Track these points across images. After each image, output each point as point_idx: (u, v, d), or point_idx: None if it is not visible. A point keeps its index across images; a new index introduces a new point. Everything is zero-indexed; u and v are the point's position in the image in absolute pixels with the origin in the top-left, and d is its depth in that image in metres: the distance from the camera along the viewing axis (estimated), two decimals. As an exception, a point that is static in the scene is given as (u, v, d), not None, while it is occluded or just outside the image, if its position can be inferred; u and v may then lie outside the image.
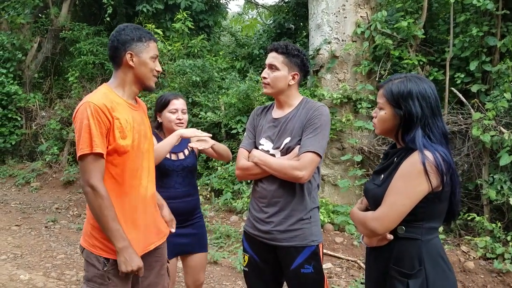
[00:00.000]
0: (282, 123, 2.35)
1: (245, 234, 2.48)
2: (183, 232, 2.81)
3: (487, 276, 4.41)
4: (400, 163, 1.77)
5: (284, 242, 2.27)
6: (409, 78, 1.82)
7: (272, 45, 2.36)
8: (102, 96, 2.05)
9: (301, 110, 2.34)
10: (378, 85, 1.96)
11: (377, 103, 1.92)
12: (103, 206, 1.96)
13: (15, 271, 4.51)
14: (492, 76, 5.50)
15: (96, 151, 1.96)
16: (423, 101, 1.75)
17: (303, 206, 2.28)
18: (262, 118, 2.49)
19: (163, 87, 7.85)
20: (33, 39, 10.05)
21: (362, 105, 5.95)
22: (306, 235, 2.27)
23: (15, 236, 5.67)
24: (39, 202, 7.49)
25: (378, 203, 1.78)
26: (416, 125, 1.75)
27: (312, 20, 6.76)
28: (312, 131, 2.23)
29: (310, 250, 2.26)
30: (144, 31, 2.15)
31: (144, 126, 2.24)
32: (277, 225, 2.27)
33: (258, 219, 2.35)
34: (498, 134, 4.90)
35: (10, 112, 9.58)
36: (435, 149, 1.70)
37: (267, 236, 2.30)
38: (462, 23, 5.89)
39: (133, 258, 2.00)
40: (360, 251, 5.00)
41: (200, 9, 9.53)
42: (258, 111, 2.56)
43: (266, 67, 2.38)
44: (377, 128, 1.94)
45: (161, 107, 2.88)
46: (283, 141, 2.30)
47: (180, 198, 2.79)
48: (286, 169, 2.18)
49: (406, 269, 1.73)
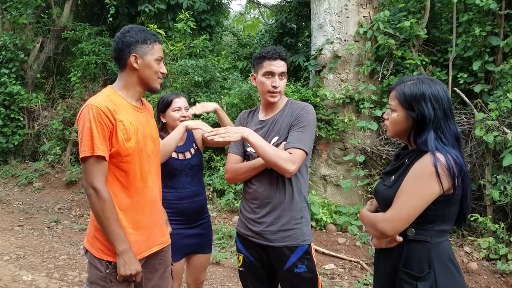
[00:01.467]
0: (269, 124, 2.39)
1: (238, 235, 2.49)
2: (192, 233, 2.83)
3: (490, 277, 4.39)
4: (411, 165, 1.76)
5: (276, 242, 2.28)
6: (421, 80, 1.81)
7: (278, 53, 2.35)
8: (105, 99, 2.05)
9: (287, 110, 2.38)
10: (389, 87, 1.94)
11: (388, 105, 1.91)
12: (105, 208, 1.97)
13: (17, 271, 4.51)
14: (495, 76, 5.48)
15: (97, 154, 1.96)
16: (435, 103, 1.75)
17: (294, 206, 2.30)
18: (250, 122, 2.51)
19: (166, 87, 7.84)
20: (35, 39, 10.07)
21: (365, 105, 5.94)
22: (298, 235, 2.29)
23: (18, 237, 5.68)
24: (42, 202, 7.51)
25: (388, 204, 1.77)
26: (429, 127, 1.74)
27: (315, 20, 6.75)
28: (299, 128, 2.26)
29: (302, 250, 2.28)
30: (149, 33, 2.14)
31: (149, 127, 2.23)
32: (269, 226, 2.29)
33: (250, 219, 2.37)
34: (501, 135, 4.88)
35: (12, 112, 9.60)
36: (447, 151, 1.70)
37: (259, 236, 2.32)
38: (465, 23, 5.87)
39: (132, 262, 2.00)
40: (363, 251, 4.99)
41: (202, 9, 9.52)
42: (244, 115, 2.58)
43: (273, 75, 2.34)
44: (389, 131, 1.92)
45: (164, 107, 2.89)
46: (271, 141, 2.32)
47: (190, 198, 2.81)
48: (281, 159, 2.16)
49: (415, 271, 1.72)
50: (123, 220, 2.06)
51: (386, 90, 6.12)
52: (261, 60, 2.37)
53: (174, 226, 2.72)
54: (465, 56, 5.75)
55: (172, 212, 2.75)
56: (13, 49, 9.46)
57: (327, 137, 6.28)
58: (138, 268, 2.02)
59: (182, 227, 2.80)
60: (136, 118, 2.13)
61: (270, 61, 2.34)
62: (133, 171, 2.09)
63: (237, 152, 2.47)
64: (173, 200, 2.77)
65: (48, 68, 10.60)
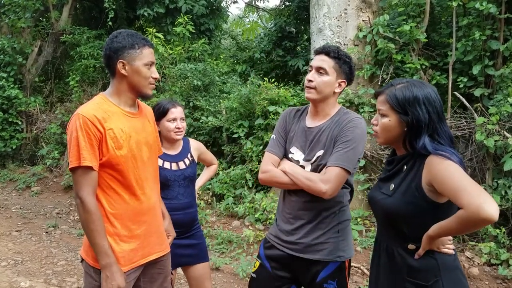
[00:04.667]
0: (315, 134, 2.21)
1: (265, 241, 2.36)
2: (184, 243, 2.77)
3: (491, 283, 4.37)
4: (411, 170, 1.72)
5: (307, 254, 2.17)
6: (412, 83, 1.76)
7: (323, 48, 2.21)
8: (93, 107, 2.01)
9: (335, 121, 2.19)
10: (376, 91, 1.86)
11: (377, 110, 1.83)
12: (90, 220, 1.93)
13: (15, 278, 4.47)
14: (495, 80, 5.48)
15: (84, 165, 1.93)
16: (429, 106, 1.70)
17: (332, 220, 2.18)
18: (295, 124, 2.31)
19: (164, 91, 7.83)
20: (33, 43, 10.04)
21: (365, 109, 5.92)
22: (332, 250, 2.17)
23: (16, 242, 5.63)
24: (40, 207, 7.46)
25: (389, 215, 1.74)
26: (424, 130, 1.69)
27: (314, 24, 6.74)
28: (342, 144, 2.09)
29: (335, 265, 2.17)
30: (138, 37, 2.07)
31: (145, 133, 2.18)
32: (302, 237, 2.18)
33: (283, 230, 2.25)
34: (502, 139, 4.86)
35: (10, 116, 9.55)
36: (449, 150, 1.66)
37: (291, 246, 2.21)
38: (465, 27, 5.87)
39: (115, 277, 1.94)
40: (363, 257, 4.96)
41: (201, 13, 9.52)
42: (291, 113, 2.37)
43: (311, 70, 2.22)
44: (380, 138, 1.84)
45: (159, 116, 2.79)
46: (315, 154, 2.17)
47: (182, 210, 2.74)
48: (312, 182, 2.05)
49: (422, 280, 1.69)
50: (118, 228, 2.02)
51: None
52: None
53: None
54: (465, 60, 5.75)
55: None
56: (11, 52, 9.43)
57: (327, 141, 6.25)
58: (121, 284, 1.95)
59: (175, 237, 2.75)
60: (129, 125, 2.08)
61: (315, 56, 2.23)
62: (127, 179, 2.05)
63: (277, 153, 2.29)
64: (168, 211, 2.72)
65: (47, 72, 10.57)
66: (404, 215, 1.73)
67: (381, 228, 1.94)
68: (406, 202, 1.72)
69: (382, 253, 1.86)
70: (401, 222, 1.75)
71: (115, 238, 2.02)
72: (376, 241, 1.95)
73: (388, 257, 1.82)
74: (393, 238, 1.81)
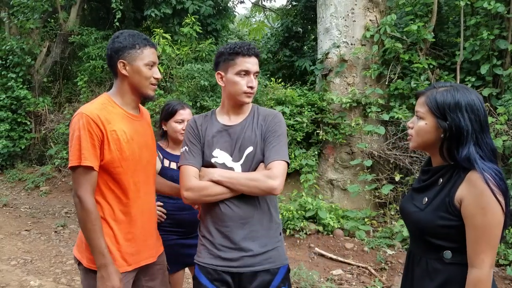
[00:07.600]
0: (238, 131, 2.08)
1: (200, 268, 2.06)
2: (190, 243, 2.76)
3: (500, 283, 4.35)
4: (447, 184, 1.64)
5: (257, 266, 2.00)
6: (456, 87, 1.64)
7: (253, 49, 2.07)
8: (98, 107, 2.00)
9: (257, 117, 2.12)
10: (417, 92, 1.77)
11: (415, 112, 1.74)
12: (87, 219, 1.92)
13: (25, 277, 4.51)
14: (503, 80, 5.45)
15: (84, 164, 1.92)
16: (472, 114, 1.58)
17: (273, 224, 2.08)
18: (209, 127, 2.13)
19: (172, 92, 7.85)
20: (42, 43, 10.13)
21: (372, 109, 5.91)
22: (280, 254, 2.08)
23: (25, 241, 5.69)
24: (49, 206, 7.52)
25: (422, 230, 1.67)
26: (468, 141, 1.58)
27: (321, 23, 6.74)
28: (275, 138, 2.04)
29: (285, 269, 2.08)
30: (139, 37, 2.04)
31: (146, 136, 2.17)
32: (247, 250, 2.00)
33: (223, 246, 2.01)
34: (510, 139, 4.84)
35: (19, 116, 9.66)
36: (490, 167, 1.56)
37: (237, 263, 1.99)
38: (473, 26, 5.84)
39: (111, 277, 1.92)
40: (371, 257, 4.96)
41: (208, 13, 9.53)
42: (198, 120, 2.18)
43: (248, 74, 2.06)
44: (414, 141, 1.74)
45: (167, 116, 2.82)
46: (244, 152, 2.05)
47: (190, 210, 2.73)
48: (259, 181, 1.93)
49: None
50: (115, 231, 2.02)
51: (393, 94, 6.10)
52: (232, 56, 2.05)
53: (173, 236, 2.70)
54: (473, 59, 5.73)
55: (171, 223, 2.72)
56: (20, 53, 9.51)
57: (334, 141, 6.26)
58: (116, 285, 1.93)
59: (181, 237, 2.76)
60: (132, 127, 2.07)
61: (244, 58, 2.04)
62: (126, 182, 2.03)
63: (195, 164, 2.07)
64: (174, 211, 2.72)
65: (55, 72, 10.65)
66: (436, 232, 1.65)
67: (413, 240, 1.84)
68: (439, 217, 1.63)
69: (416, 266, 1.78)
70: (434, 237, 1.67)
71: (112, 240, 2.02)
72: (409, 253, 1.85)
73: (421, 270, 1.74)
74: (426, 251, 1.73)
